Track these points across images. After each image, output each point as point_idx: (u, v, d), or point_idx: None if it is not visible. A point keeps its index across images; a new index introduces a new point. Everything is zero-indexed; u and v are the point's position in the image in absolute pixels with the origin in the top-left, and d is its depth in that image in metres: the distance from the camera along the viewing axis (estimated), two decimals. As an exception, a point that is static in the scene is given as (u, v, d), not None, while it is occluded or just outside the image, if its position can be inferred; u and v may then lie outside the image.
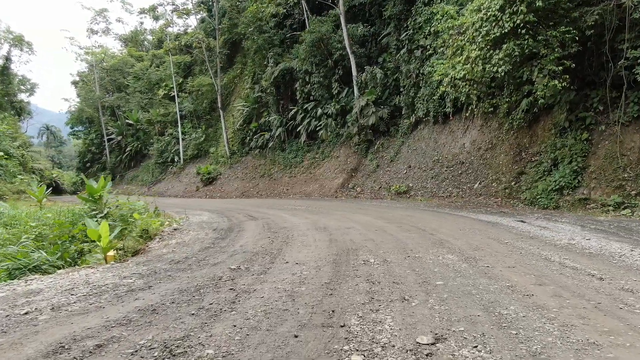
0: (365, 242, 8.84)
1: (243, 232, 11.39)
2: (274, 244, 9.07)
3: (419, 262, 6.87)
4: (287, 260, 7.31)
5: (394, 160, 24.35)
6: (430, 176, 21.44)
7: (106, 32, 67.71)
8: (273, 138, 33.04)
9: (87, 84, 57.99)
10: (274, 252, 8.11)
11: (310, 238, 9.69)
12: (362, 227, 11.19)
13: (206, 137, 41.72)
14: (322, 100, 29.24)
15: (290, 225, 12.20)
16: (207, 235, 10.87)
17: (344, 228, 11.15)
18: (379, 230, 10.63)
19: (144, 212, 14.37)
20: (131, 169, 51.18)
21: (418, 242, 8.68)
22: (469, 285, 5.52)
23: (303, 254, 7.87)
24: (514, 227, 10.49)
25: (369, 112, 25.45)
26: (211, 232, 11.48)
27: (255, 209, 18.92)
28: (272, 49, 33.78)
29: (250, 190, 31.64)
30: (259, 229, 11.68)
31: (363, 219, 13.25)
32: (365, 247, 8.27)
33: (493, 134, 19.73)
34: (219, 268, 6.91)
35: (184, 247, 9.27)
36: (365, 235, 9.79)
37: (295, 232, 10.68)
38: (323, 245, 8.67)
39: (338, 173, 26.79)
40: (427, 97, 22.34)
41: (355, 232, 10.41)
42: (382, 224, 11.72)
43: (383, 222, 12.27)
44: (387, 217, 13.59)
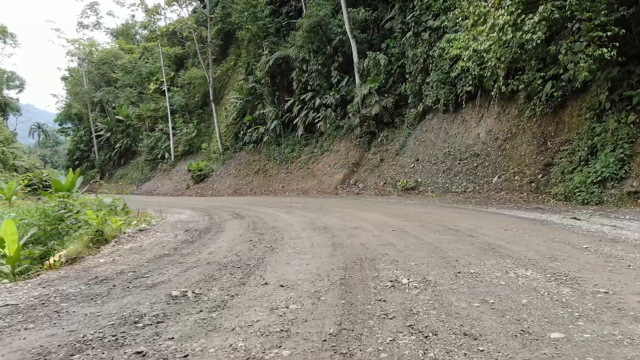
0: (383, 248, 6.81)
1: (221, 233, 9.43)
2: (255, 251, 7.09)
3: (483, 285, 4.66)
4: (266, 280, 5.16)
5: (399, 154, 22.22)
6: (441, 170, 19.31)
7: (97, 26, 65.49)
8: (268, 132, 30.87)
9: (75, 78, 55.68)
10: (251, 265, 6.06)
11: (306, 241, 7.72)
12: (374, 227, 9.15)
13: (198, 132, 39.54)
14: (321, 90, 27.10)
15: (282, 225, 10.16)
16: (174, 238, 8.85)
17: (351, 228, 9.11)
18: (398, 230, 8.62)
19: (111, 210, 12.25)
20: (121, 166, 48.93)
21: (459, 248, 6.63)
22: (612, 338, 3.16)
23: (294, 267, 5.79)
24: (573, 226, 8.39)
25: (371, 101, 23.32)
26: (182, 233, 9.42)
27: (246, 206, 16.83)
28: (267, 38, 31.65)
29: (243, 187, 29.46)
30: (242, 230, 9.68)
31: (373, 216, 11.20)
32: (385, 256, 6.22)
33: (512, 122, 17.63)
34: (152, 295, 4.73)
35: (133, 254, 7.27)
36: (381, 238, 7.78)
37: (287, 234, 8.70)
38: (324, 253, 6.66)
39: (338, 168, 24.65)
40: (437, 83, 20.22)
41: (366, 233, 8.40)
42: (399, 223, 9.68)
43: (399, 220, 10.22)
44: (401, 214, 11.53)
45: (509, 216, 10.24)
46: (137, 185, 42.15)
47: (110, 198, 13.20)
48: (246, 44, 34.28)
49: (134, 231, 9.48)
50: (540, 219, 9.40)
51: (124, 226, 9.89)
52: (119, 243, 8.24)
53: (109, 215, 10.46)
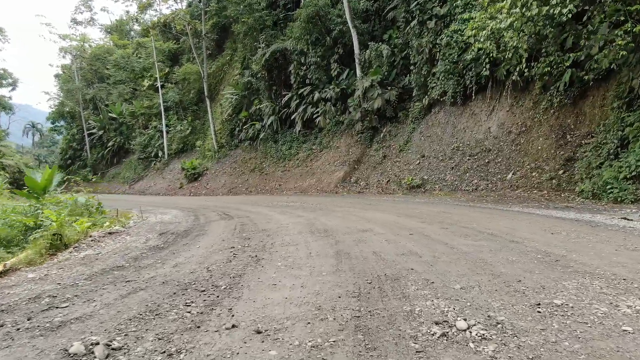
0: (405, 260, 5.48)
1: (201, 237, 8.18)
2: (234, 263, 5.75)
3: (596, 333, 3.08)
4: (236, 319, 3.63)
5: (403, 150, 20.89)
6: (449, 167, 17.99)
7: (91, 22, 64.13)
8: (265, 128, 29.50)
9: (67, 74, 54.20)
10: (222, 287, 4.63)
11: (303, 249, 6.44)
12: (386, 230, 7.88)
13: (192, 129, 38.15)
14: (320, 83, 25.75)
15: (275, 227, 8.87)
16: (143, 243, 7.61)
17: (357, 231, 7.83)
18: (417, 234, 7.33)
19: (86, 210, 10.90)
20: (113, 165, 47.45)
21: (510, 259, 5.28)
22: None
23: (282, 291, 4.35)
24: (633, 228, 7.07)
25: (373, 94, 21.99)
26: (155, 237, 8.16)
27: (238, 206, 15.55)
28: (264, 31, 30.30)
29: (238, 186, 28.09)
30: (226, 233, 8.44)
31: (381, 217, 9.91)
32: (412, 273, 4.84)
33: (526, 114, 16.34)
34: (38, 351, 3.14)
35: (80, 266, 5.99)
36: (398, 245, 6.49)
37: (279, 239, 7.44)
38: (325, 266, 5.30)
39: (338, 166, 23.31)
40: (444, 73, 18.89)
41: (377, 238, 7.13)
42: (415, 224, 8.40)
43: (414, 221, 8.94)
44: (413, 214, 10.25)
45: (543, 216, 8.93)
46: (129, 184, 40.73)
47: (84, 197, 11.82)
48: (242, 38, 32.95)
49: (101, 235, 8.17)
50: (584, 220, 8.10)
51: (94, 228, 8.53)
52: (77, 249, 6.93)
53: (75, 216, 9.10)
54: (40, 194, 14.21)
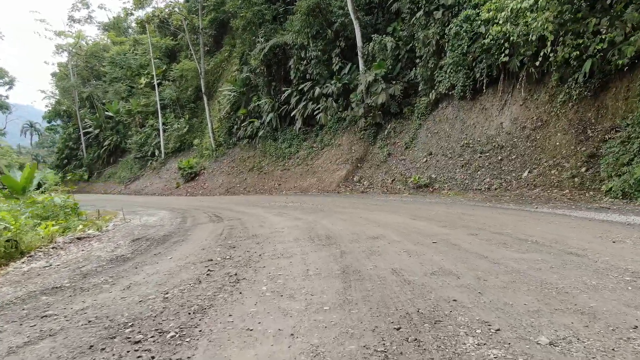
0: (440, 284, 4.25)
1: (179, 245, 7.14)
2: (204, 286, 4.56)
3: None
4: None
5: (409, 147, 19.80)
6: (458, 165, 16.90)
7: (89, 20, 63.20)
8: (264, 126, 28.41)
9: (62, 72, 53.17)
10: (168, 336, 3.27)
11: (298, 265, 5.27)
12: (402, 236, 6.79)
13: (190, 127, 37.07)
14: (321, 79, 24.67)
15: (268, 232, 7.85)
16: (110, 252, 6.63)
17: (367, 238, 6.74)
18: (442, 242, 6.22)
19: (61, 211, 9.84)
20: (110, 165, 46.37)
21: (593, 285, 3.97)
22: None
23: (260, 347, 2.97)
24: None
25: (377, 89, 20.90)
26: (127, 244, 7.14)
27: (232, 206, 14.51)
28: (263, 26, 29.19)
29: (236, 186, 27.02)
30: (209, 240, 7.41)
31: (393, 220, 8.82)
32: (458, 309, 3.50)
33: (542, 108, 15.24)
34: None
35: (7, 286, 4.95)
36: (423, 258, 5.33)
37: (271, 248, 6.39)
38: (328, 294, 4.08)
39: (340, 164, 22.22)
40: (452, 66, 17.80)
41: (393, 248, 6.01)
42: (436, 230, 7.33)
43: (434, 225, 7.85)
44: (429, 216, 9.18)
45: (582, 219, 7.86)
46: (125, 184, 39.67)
47: (60, 198, 10.77)
48: (241, 33, 31.82)
49: (67, 240, 7.15)
50: (637, 224, 6.98)
51: (62, 233, 7.47)
52: (31, 259, 5.94)
53: (43, 219, 8.04)
54: (19, 194, 13.19)
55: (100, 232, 8.42)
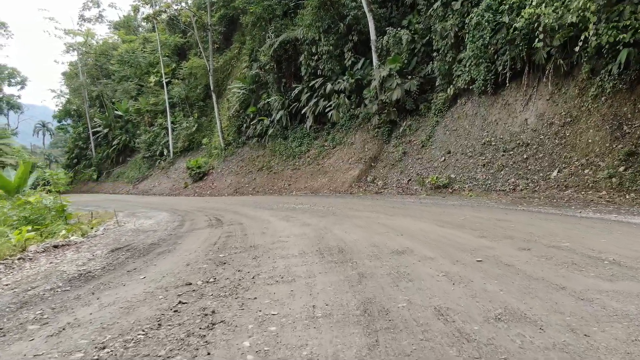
0: (514, 338, 2.95)
1: (163, 257, 6.23)
2: (162, 335, 3.36)
3: None
4: None
5: (426, 146, 18.76)
6: (479, 164, 15.84)
7: (99, 19, 62.89)
8: (273, 124, 27.50)
9: (72, 71, 52.84)
10: None
11: (301, 297, 4.10)
12: (437, 252, 5.64)
13: (199, 126, 36.29)
14: (333, 75, 23.69)
15: (269, 242, 6.87)
16: (78, 267, 5.75)
17: (391, 253, 5.65)
18: (490, 262, 5.05)
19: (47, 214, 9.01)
20: (119, 164, 45.81)
21: None
22: None
23: None
24: None
25: (392, 84, 19.89)
26: (104, 254, 6.41)
27: (237, 208, 13.68)
28: (273, 21, 28.27)
29: (245, 186, 26.15)
30: (199, 251, 6.49)
31: (417, 227, 7.75)
32: None
33: (571, 103, 14.14)
34: None
35: None
36: (473, 288, 4.13)
37: (269, 266, 5.33)
38: None
39: (353, 163, 21.23)
40: (472, 59, 16.74)
41: (429, 270, 4.83)
42: (475, 242, 6.18)
43: (469, 235, 6.75)
44: (459, 222, 8.09)
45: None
46: (133, 184, 39.03)
47: (50, 198, 9.95)
48: (250, 29, 30.96)
49: (41, 249, 6.28)
50: None
51: (40, 239, 6.62)
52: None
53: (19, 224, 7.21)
54: (12, 194, 12.42)
55: (84, 239, 7.61)
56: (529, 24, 14.37)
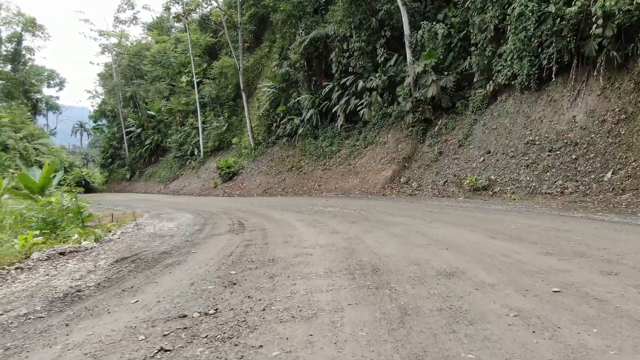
0: None
1: (169, 271, 5.53)
2: None
3: None
4: None
5: (463, 145, 17.77)
6: (523, 164, 14.79)
7: (134, 21, 63.90)
8: (303, 123, 26.91)
9: (107, 72, 53.74)
10: None
11: (321, 349, 3.02)
12: (496, 277, 4.54)
13: (229, 126, 36.06)
14: (364, 72, 22.90)
15: (292, 255, 6.10)
16: (71, 282, 5.17)
17: (438, 275, 4.72)
18: (572, 294, 3.90)
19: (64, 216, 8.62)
20: (151, 164, 46.21)
21: None
22: None
23: None
24: None
25: (427, 81, 18.97)
26: (107, 266, 5.86)
27: (264, 210, 13.11)
28: (303, 18, 27.68)
29: (274, 187, 25.65)
30: (211, 265, 5.74)
31: (462, 237, 6.90)
32: None
33: (626, 98, 12.99)
34: None
35: None
36: (572, 345, 2.88)
37: (286, 289, 4.47)
38: None
39: (386, 164, 20.41)
40: (514, 52, 15.69)
41: (491, 305, 3.70)
42: (542, 261, 5.13)
43: (530, 250, 5.75)
44: (511, 232, 7.12)
45: None
46: (164, 184, 39.20)
47: (68, 199, 9.58)
48: (280, 26, 30.51)
49: (45, 257, 5.85)
50: None
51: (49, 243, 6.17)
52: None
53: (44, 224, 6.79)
54: (37, 193, 12.20)
55: (96, 244, 7.16)
56: (578, 13, 13.33)
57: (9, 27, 48.79)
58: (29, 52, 52.10)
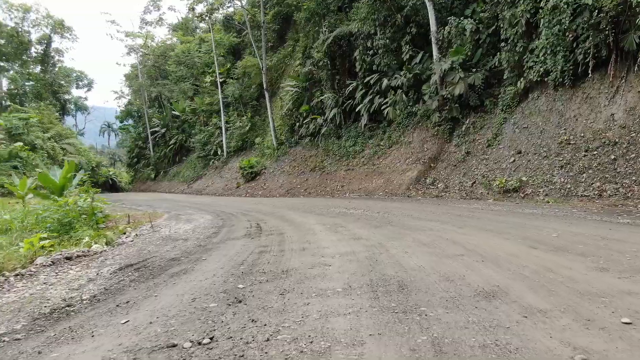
0: None
1: (171, 284, 4.99)
2: None
3: None
4: None
5: (492, 145, 17.08)
6: (556, 165, 14.05)
7: (159, 22, 64.56)
8: (326, 122, 26.48)
9: (133, 72, 54.39)
10: None
11: None
12: (547, 300, 3.74)
13: (252, 125, 35.91)
14: (389, 70, 22.33)
15: (308, 265, 5.57)
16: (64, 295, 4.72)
17: (476, 296, 3.95)
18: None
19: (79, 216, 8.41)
20: (175, 164, 46.53)
21: None
22: None
23: None
24: None
25: (454, 78, 18.32)
26: (108, 275, 5.46)
27: (284, 212, 12.77)
28: (327, 16, 27.24)
29: (297, 187, 25.31)
30: (219, 276, 5.22)
31: (498, 246, 6.24)
32: None
33: (670, 95, 12.13)
34: None
35: None
36: None
37: (298, 310, 3.89)
38: None
39: (411, 164, 19.82)
40: (547, 47, 14.95)
41: (549, 342, 2.92)
42: (601, 280, 4.33)
43: (581, 264, 4.96)
44: (552, 241, 6.40)
45: None
46: (188, 184, 39.35)
47: (83, 198, 9.36)
48: (304, 25, 30.14)
49: (49, 262, 5.60)
50: None
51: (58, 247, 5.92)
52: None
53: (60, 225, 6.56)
54: (57, 194, 12.10)
55: (106, 247, 6.89)
56: (618, 5, 12.56)
57: (39, 29, 49.86)
58: (57, 53, 53.11)
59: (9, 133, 31.12)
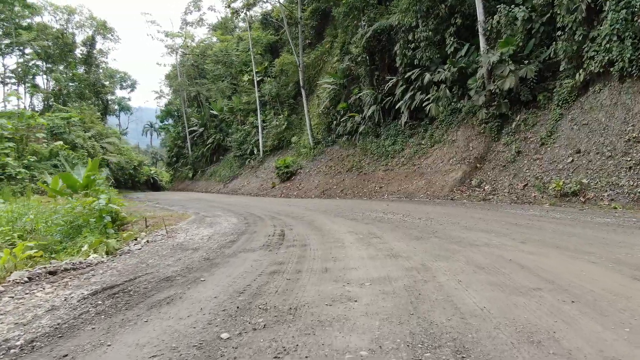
0: None
1: (130, 328, 3.72)
2: None
3: None
4: None
5: (547, 144, 15.52)
6: (624, 166, 12.44)
7: (200, 22, 65.06)
8: (365, 120, 25.35)
9: (173, 72, 54.89)
10: None
11: None
12: None
13: (288, 124, 35.18)
14: (431, 64, 21.00)
15: (329, 295, 4.38)
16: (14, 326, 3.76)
17: None
18: None
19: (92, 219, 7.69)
20: (213, 163, 46.48)
21: None
22: None
23: None
24: None
25: (503, 71, 16.85)
26: (76, 301, 4.54)
27: (315, 216, 11.82)
28: (366, 10, 26.12)
29: (333, 188, 24.29)
30: (203, 314, 3.96)
31: (584, 274, 4.71)
32: None
33: None
34: None
35: None
36: None
37: None
38: None
39: (455, 164, 18.44)
40: (612, 35, 13.31)
41: None
42: None
43: None
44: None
45: None
46: (224, 183, 39.05)
47: (104, 198, 8.65)
48: (342, 20, 29.08)
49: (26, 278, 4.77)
50: None
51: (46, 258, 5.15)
52: None
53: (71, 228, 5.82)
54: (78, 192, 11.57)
55: (105, 258, 6.10)
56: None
57: (82, 31, 50.94)
58: (101, 54, 54.22)
59: (51, 132, 31.60)
